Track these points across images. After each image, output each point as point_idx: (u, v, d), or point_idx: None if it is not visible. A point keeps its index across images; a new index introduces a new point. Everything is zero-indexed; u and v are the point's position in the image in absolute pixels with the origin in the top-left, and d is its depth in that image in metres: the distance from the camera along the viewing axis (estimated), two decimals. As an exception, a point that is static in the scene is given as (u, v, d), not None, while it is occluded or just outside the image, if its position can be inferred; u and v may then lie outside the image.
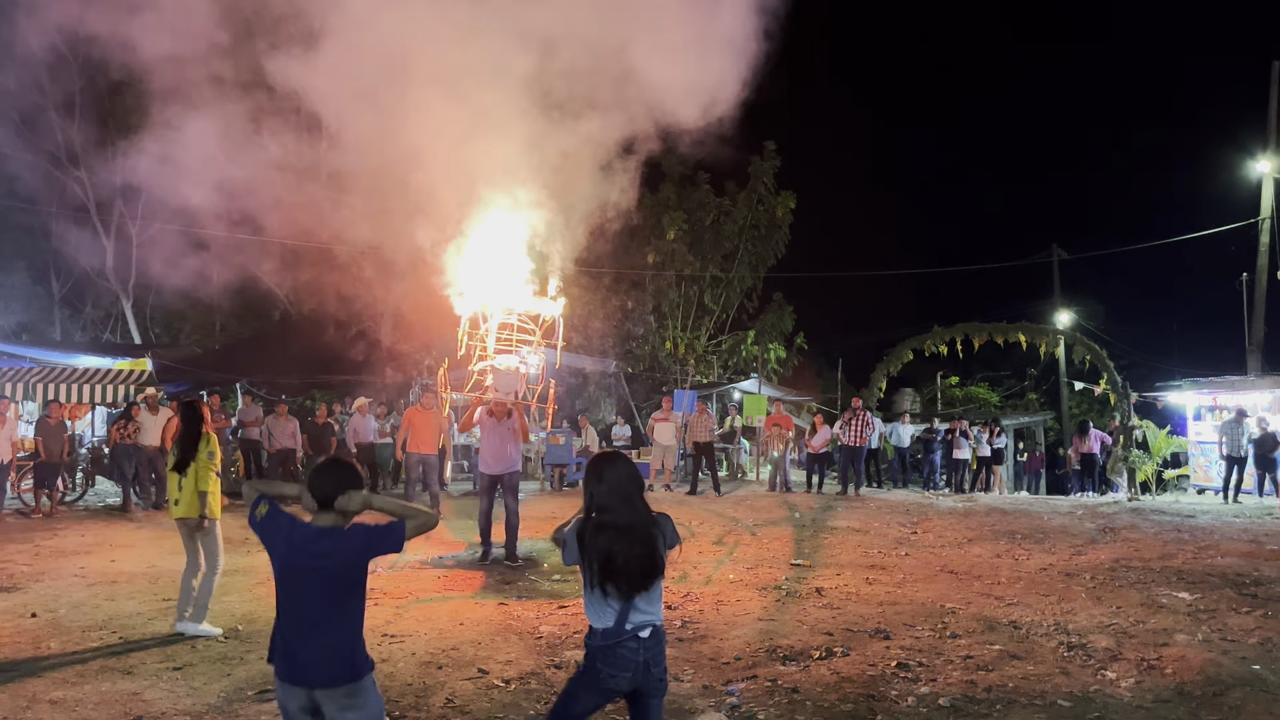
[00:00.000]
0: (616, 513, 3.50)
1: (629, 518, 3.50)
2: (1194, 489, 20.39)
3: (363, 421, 16.33)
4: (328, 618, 3.28)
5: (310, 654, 3.26)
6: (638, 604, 3.47)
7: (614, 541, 3.45)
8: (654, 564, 3.48)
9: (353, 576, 3.33)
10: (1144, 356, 33.32)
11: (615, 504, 3.52)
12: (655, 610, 3.53)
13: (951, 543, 11.30)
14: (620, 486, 3.54)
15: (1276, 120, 23.83)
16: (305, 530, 3.33)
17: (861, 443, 17.01)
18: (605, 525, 3.49)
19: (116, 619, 7.10)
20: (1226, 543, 10.78)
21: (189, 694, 5.36)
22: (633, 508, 3.52)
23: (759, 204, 27.63)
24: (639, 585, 3.46)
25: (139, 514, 13.11)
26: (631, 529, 3.48)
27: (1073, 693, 5.41)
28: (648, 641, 3.47)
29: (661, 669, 3.53)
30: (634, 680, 3.46)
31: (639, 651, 3.45)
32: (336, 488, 3.35)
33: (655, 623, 3.51)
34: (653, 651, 3.49)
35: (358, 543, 3.33)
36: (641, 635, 3.46)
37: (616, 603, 3.46)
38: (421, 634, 6.72)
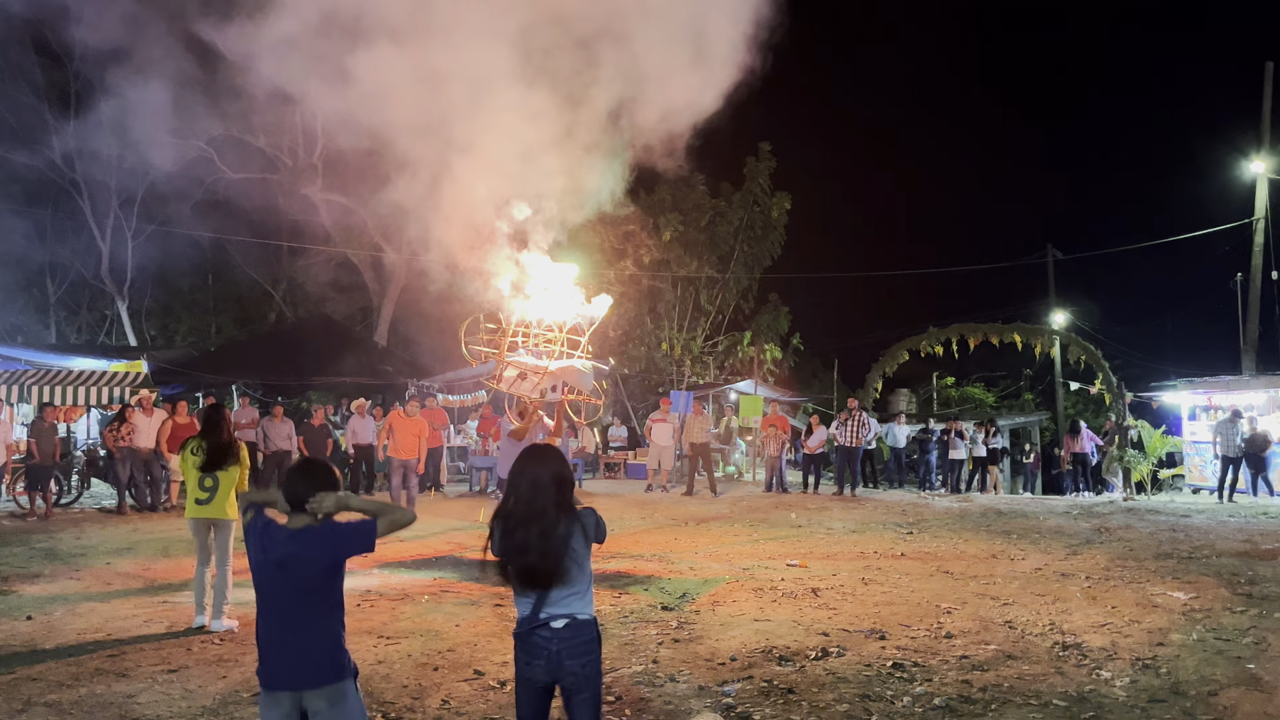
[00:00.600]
0: (523, 507, 3.53)
1: (532, 512, 3.50)
2: (1189, 489, 20.43)
3: (361, 422, 16.33)
4: (306, 619, 3.31)
5: (292, 657, 3.28)
6: (552, 595, 3.48)
7: (517, 535, 3.49)
8: (552, 560, 3.46)
9: (326, 577, 3.35)
10: (1139, 356, 33.44)
11: (524, 498, 3.54)
12: (576, 604, 3.52)
13: (947, 543, 11.31)
14: (533, 481, 3.54)
15: (1270, 121, 23.90)
16: (279, 532, 3.35)
17: (858, 443, 17.05)
18: (512, 520, 3.52)
19: (112, 621, 7.09)
20: (1221, 542, 10.81)
21: (184, 696, 5.35)
22: (539, 503, 3.51)
23: (754, 205, 27.68)
24: (538, 580, 3.47)
25: (134, 516, 13.09)
26: (529, 523, 3.48)
27: (1068, 692, 5.42)
28: (561, 632, 3.47)
29: (580, 664, 3.49)
30: (548, 670, 3.47)
31: (552, 641, 3.46)
32: (308, 489, 3.36)
33: (576, 615, 3.50)
34: (567, 643, 3.47)
35: (328, 542, 3.35)
36: (554, 625, 3.48)
37: (530, 592, 3.50)
38: (417, 635, 6.72)
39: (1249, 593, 8.03)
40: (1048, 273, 34.54)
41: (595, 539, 3.61)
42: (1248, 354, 24.33)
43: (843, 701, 5.28)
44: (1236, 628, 6.81)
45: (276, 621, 3.33)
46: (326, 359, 19.97)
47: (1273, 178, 23.96)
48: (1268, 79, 24.02)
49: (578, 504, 3.63)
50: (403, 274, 28.23)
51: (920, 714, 5.10)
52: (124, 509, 13.45)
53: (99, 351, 21.12)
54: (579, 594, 3.54)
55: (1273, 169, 24.06)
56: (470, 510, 14.03)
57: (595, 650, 3.56)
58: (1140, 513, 13.82)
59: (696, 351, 27.56)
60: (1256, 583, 8.44)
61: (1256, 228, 23.98)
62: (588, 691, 3.53)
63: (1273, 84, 24.01)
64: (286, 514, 3.42)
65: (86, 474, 15.66)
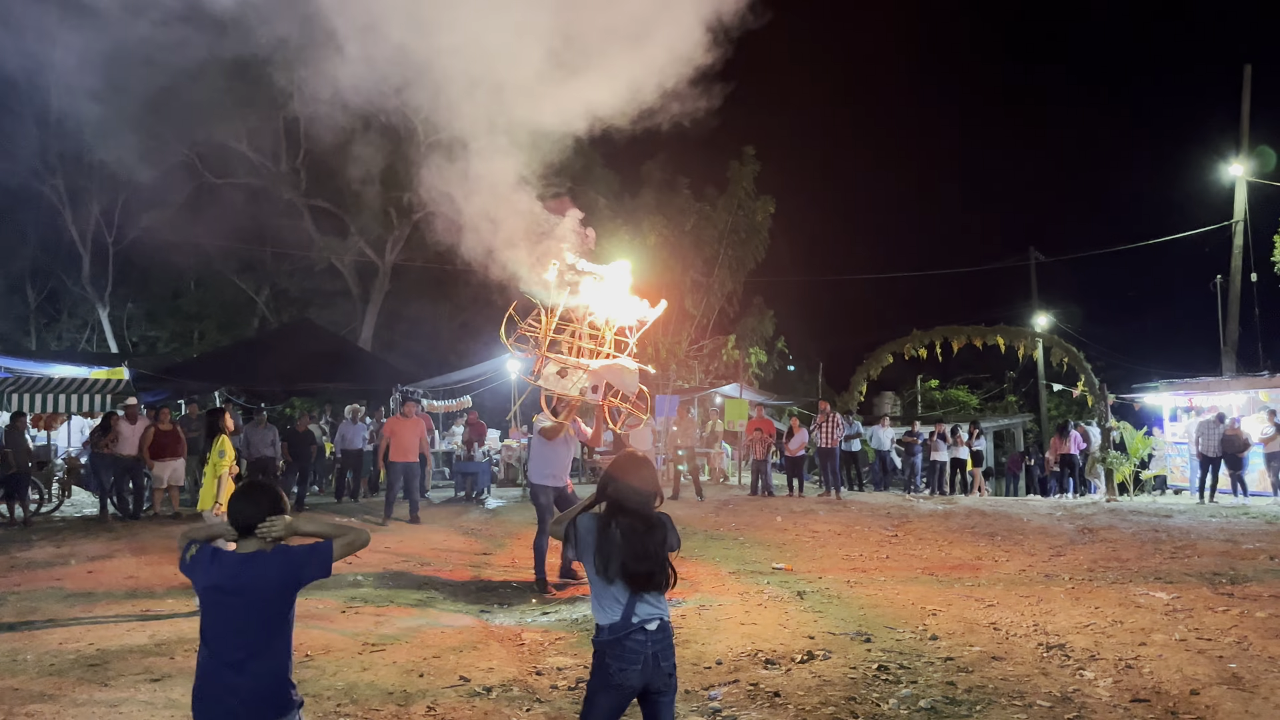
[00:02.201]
0: (636, 510, 3.62)
1: (647, 516, 3.63)
2: (1171, 489, 20.58)
3: (352, 428, 16.27)
4: (253, 650, 3.14)
5: (236, 691, 3.11)
6: (645, 597, 3.56)
7: (632, 537, 3.56)
8: (665, 561, 3.60)
9: (278, 604, 3.19)
10: (1121, 358, 33.65)
11: (636, 502, 3.64)
12: (662, 605, 3.62)
13: (932, 545, 11.35)
14: (644, 485, 3.67)
15: (1249, 124, 24.13)
16: (228, 559, 3.21)
17: (833, 444, 17.27)
18: (626, 522, 3.59)
19: (94, 630, 7.03)
20: (1203, 542, 10.89)
21: (167, 705, 5.31)
22: (650, 507, 3.67)
23: (739, 209, 27.73)
24: (652, 582, 3.56)
25: (116, 524, 12.98)
26: (650, 527, 3.61)
27: (1051, 693, 5.45)
28: (655, 635, 3.55)
29: (671, 664, 3.59)
30: (644, 675, 3.52)
31: (647, 644, 3.52)
32: (256, 513, 3.24)
33: (663, 617, 3.60)
34: (661, 645, 3.56)
35: (281, 568, 3.20)
36: (649, 628, 3.54)
37: (624, 596, 3.54)
38: (403, 642, 6.70)
39: (1230, 592, 8.09)
40: (1030, 275, 34.76)
41: (674, 545, 3.72)
42: (1227, 355, 24.55)
43: (828, 705, 5.29)
44: (1218, 627, 6.86)
45: (221, 653, 3.15)
46: (310, 365, 19.87)
47: (1251, 180, 24.20)
48: (1246, 83, 24.27)
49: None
50: (386, 279, 28.18)
51: (906, 716, 5.12)
52: (106, 517, 13.34)
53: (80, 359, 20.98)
54: (664, 596, 3.66)
55: (1251, 172, 24.30)
56: (456, 516, 14.00)
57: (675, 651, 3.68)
58: (1123, 513, 13.90)
59: (681, 355, 27.57)
60: (1238, 582, 8.50)
61: (1235, 230, 24.21)
62: (672, 692, 3.63)
63: (1251, 88, 24.26)
64: (234, 541, 3.29)
65: (67, 482, 15.53)
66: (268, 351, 20.66)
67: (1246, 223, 24.04)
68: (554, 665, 6.13)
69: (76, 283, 29.44)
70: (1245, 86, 24.24)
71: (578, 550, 3.64)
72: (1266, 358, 25.53)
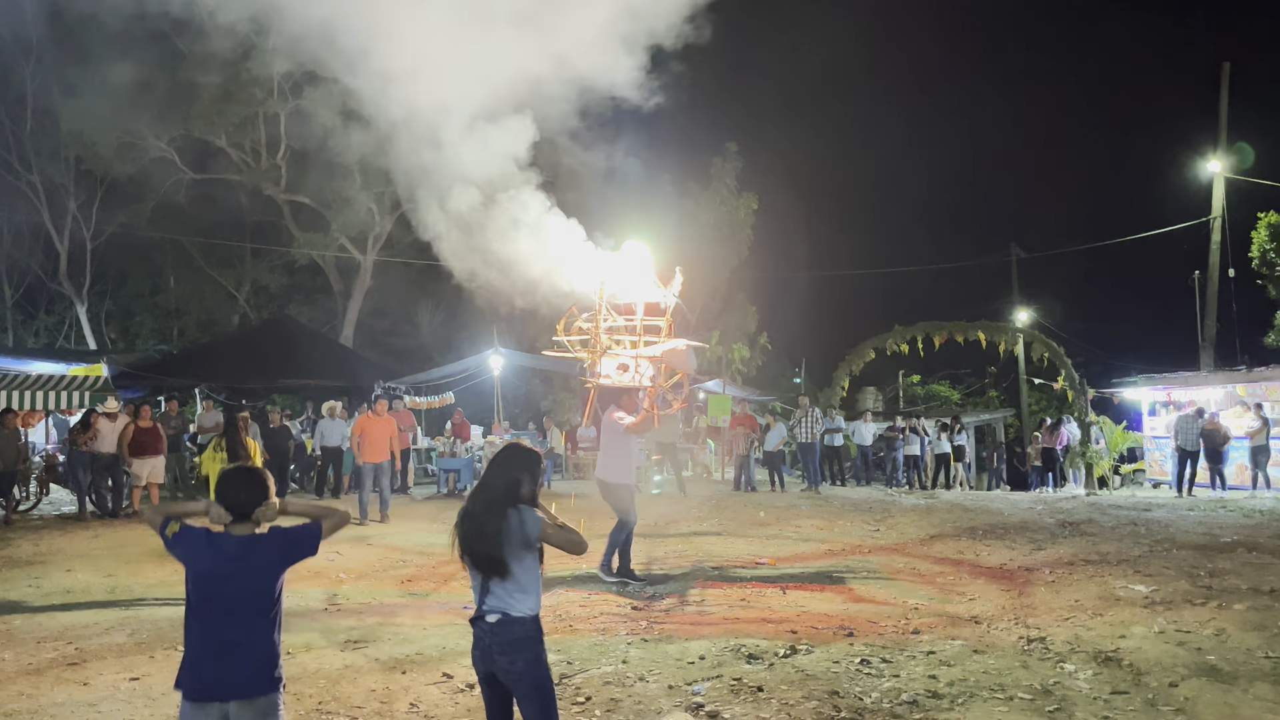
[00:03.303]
0: (474, 500, 3.76)
1: (477, 505, 3.72)
2: (1149, 483, 20.76)
3: (331, 425, 16.18)
4: (249, 628, 3.29)
5: (228, 667, 3.25)
6: (492, 588, 3.61)
7: (463, 526, 3.70)
8: (488, 553, 3.61)
9: (271, 584, 3.36)
10: (1101, 353, 33.89)
11: (477, 492, 3.80)
12: (512, 600, 3.61)
13: (914, 539, 11.40)
14: (489, 475, 3.81)
15: (1227, 121, 24.34)
16: (227, 543, 3.34)
17: (812, 438, 17.40)
18: (464, 512, 3.74)
19: (72, 630, 6.97)
20: (1182, 535, 10.98)
21: (146, 704, 5.27)
22: (486, 496, 3.73)
23: (721, 205, 27.74)
24: (483, 570, 3.62)
25: (95, 522, 12.86)
26: (474, 516, 3.68)
27: (1032, 685, 5.48)
28: (494, 627, 3.58)
29: (510, 659, 3.57)
30: (483, 663, 3.62)
31: (485, 635, 3.60)
32: (251, 497, 3.40)
33: (507, 612, 3.59)
34: (499, 639, 3.57)
35: (277, 549, 3.38)
36: (488, 619, 3.59)
37: (478, 584, 3.65)
38: (385, 638, 6.67)
39: (1209, 585, 8.16)
40: (1011, 271, 34.94)
41: (527, 534, 3.67)
42: (1205, 350, 24.77)
43: (811, 699, 5.31)
44: (1197, 620, 6.91)
45: (214, 631, 3.28)
46: (291, 362, 19.77)
47: (1229, 177, 24.41)
48: (1224, 80, 24.47)
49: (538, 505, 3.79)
50: (367, 276, 28.04)
51: (888, 709, 5.14)
52: (84, 515, 13.22)
53: (57, 355, 20.77)
54: (521, 590, 3.64)
55: (1229, 168, 24.51)
56: (439, 512, 13.95)
57: (530, 648, 3.61)
58: (1103, 507, 14.01)
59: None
60: (1217, 575, 8.57)
61: (1213, 226, 24.42)
62: (526, 686, 3.61)
63: (1229, 85, 24.47)
64: (223, 523, 3.39)
65: (45, 480, 15.38)
66: (248, 348, 20.55)
67: (1224, 219, 24.25)
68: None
69: (54, 279, 29.15)
70: (1224, 83, 24.45)
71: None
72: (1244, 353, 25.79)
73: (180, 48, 21.80)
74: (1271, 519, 12.33)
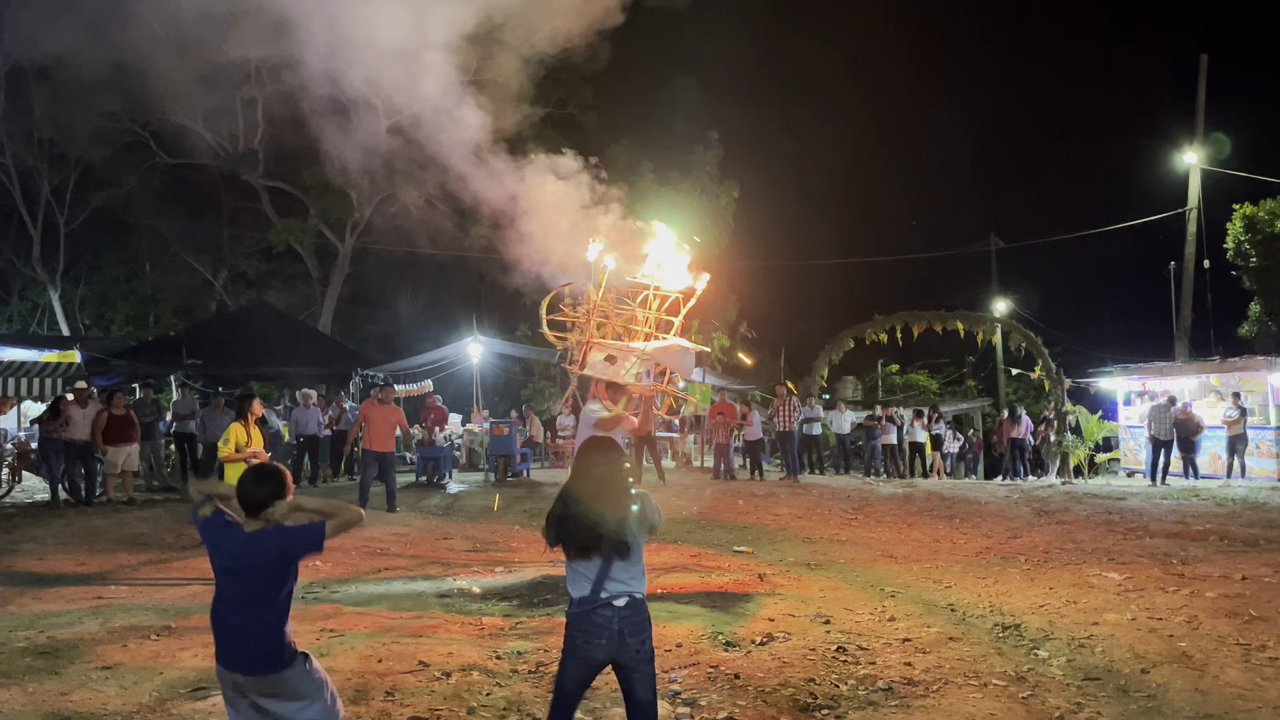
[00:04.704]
0: (599, 481, 3.77)
1: (602, 486, 3.75)
2: (1124, 472, 20.95)
3: (306, 413, 16.05)
4: (252, 613, 3.51)
5: (237, 644, 3.51)
6: (614, 573, 3.66)
7: (584, 514, 3.70)
8: (618, 531, 3.68)
9: (274, 576, 3.54)
10: (1078, 343, 34.14)
11: (592, 484, 3.78)
12: (633, 583, 3.70)
13: (891, 528, 11.46)
14: (601, 468, 3.82)
15: (1204, 113, 24.51)
16: (237, 534, 3.55)
17: (788, 427, 17.47)
18: (574, 505, 3.76)
19: (44, 618, 6.89)
20: (1155, 524, 11.09)
21: (119, 693, 5.22)
22: (599, 486, 3.76)
23: (702, 193, 27.71)
24: (611, 553, 3.66)
25: (68, 510, 12.74)
26: (600, 497, 3.72)
27: (1007, 672, 5.52)
28: (623, 610, 3.64)
29: (640, 639, 3.67)
30: (609, 649, 3.63)
31: (613, 620, 3.63)
32: (264, 495, 3.56)
33: (633, 593, 3.68)
34: (629, 621, 3.65)
35: (277, 546, 3.54)
36: (616, 604, 3.64)
37: (592, 572, 3.66)
38: (361, 627, 6.64)
39: (1181, 573, 8.24)
40: (990, 261, 35.12)
41: (650, 520, 3.80)
42: (1181, 340, 25.01)
43: (788, 686, 5.32)
44: (1169, 607, 6.99)
45: (226, 611, 3.54)
46: (269, 349, 19.61)
47: (1205, 168, 24.61)
48: (1202, 72, 24.64)
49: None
50: (346, 263, 27.86)
51: (864, 696, 5.16)
52: (57, 502, 13.08)
53: (30, 341, 20.52)
54: (639, 573, 3.75)
55: (1206, 160, 24.70)
56: (416, 500, 13.90)
57: (650, 628, 3.74)
58: (1078, 496, 14.13)
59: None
60: (1189, 563, 8.67)
61: (1189, 217, 24.62)
62: (646, 668, 3.70)
63: (1206, 77, 24.64)
64: (239, 515, 3.58)
65: (18, 467, 15.21)
66: (225, 335, 20.37)
67: (1200, 210, 24.46)
68: (514, 649, 6.11)
69: (26, 264, 28.80)
70: (1201, 75, 24.62)
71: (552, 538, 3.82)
72: (1218, 343, 26.08)
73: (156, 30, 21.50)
74: (1243, 507, 12.48)
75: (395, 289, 31.80)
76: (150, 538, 10.55)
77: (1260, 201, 25.59)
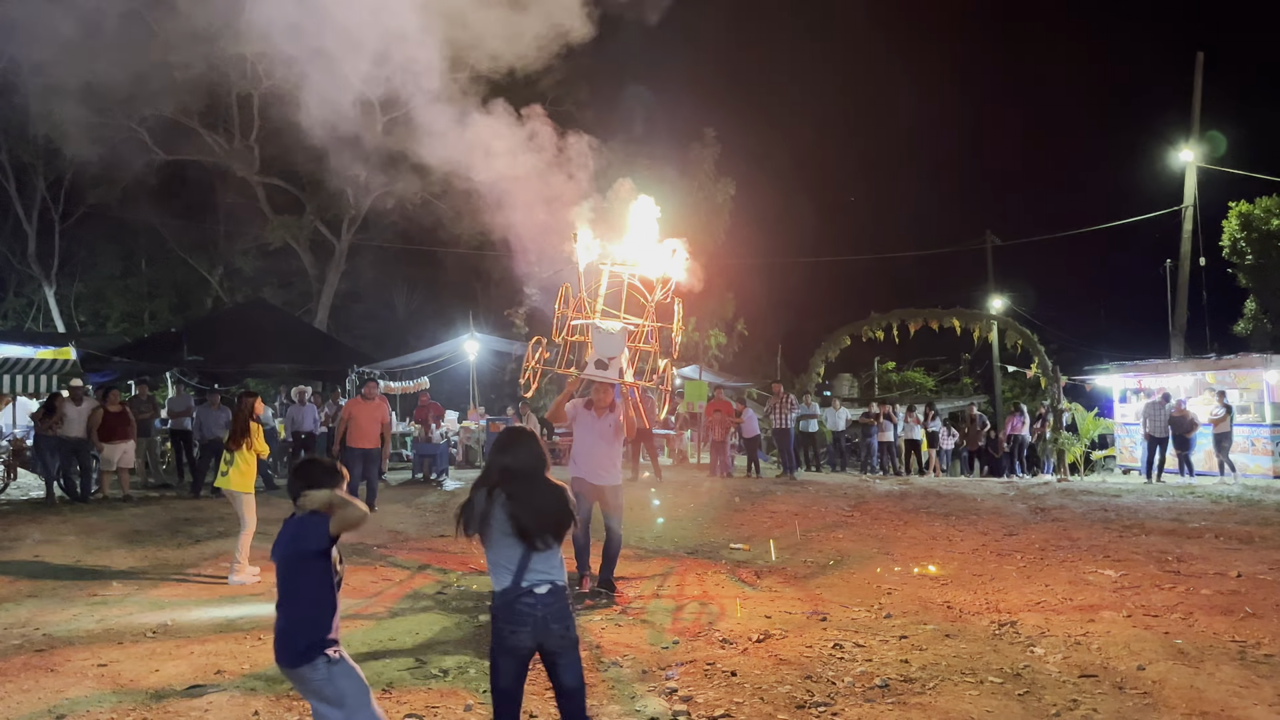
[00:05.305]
0: (511, 480, 3.79)
1: (519, 485, 3.79)
2: (1120, 469, 20.98)
3: (301, 410, 16.02)
4: (286, 601, 3.63)
5: (279, 631, 3.63)
6: (534, 564, 3.71)
7: (514, 504, 3.73)
8: (553, 525, 3.75)
9: (292, 566, 3.62)
10: (1073, 340, 34.18)
11: (504, 472, 3.82)
12: (554, 571, 3.75)
13: (888, 525, 11.47)
14: (513, 456, 3.86)
15: (1200, 111, 24.53)
16: (285, 525, 3.71)
17: (785, 424, 17.51)
18: (513, 491, 3.77)
19: (40, 616, 6.88)
20: (1150, 521, 11.11)
21: (115, 690, 5.22)
22: (525, 474, 3.82)
23: (699, 190, 27.69)
24: (537, 542, 3.71)
25: (64, 507, 12.71)
26: (523, 494, 3.77)
27: (1003, 669, 5.53)
28: (545, 597, 3.69)
29: (563, 625, 3.72)
30: (534, 635, 3.68)
31: (536, 607, 3.68)
32: (295, 486, 3.69)
33: (554, 580, 3.74)
34: (551, 608, 3.70)
35: (291, 535, 3.64)
36: (538, 591, 3.69)
37: (513, 563, 3.70)
38: (358, 625, 6.64)
39: (1177, 570, 8.26)
40: (986, 259, 35.12)
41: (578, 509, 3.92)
42: (1176, 338, 25.04)
43: (784, 683, 5.33)
44: (1165, 604, 7.00)
45: (278, 600, 3.65)
46: (265, 346, 19.59)
47: (1201, 166, 24.63)
48: (1198, 69, 24.65)
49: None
50: (342, 259, 27.82)
51: (861, 693, 5.17)
52: (53, 500, 13.05)
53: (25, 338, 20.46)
54: (558, 562, 3.79)
55: (1202, 157, 24.72)
56: (413, 497, 13.89)
57: (571, 615, 3.79)
58: (1074, 493, 14.14)
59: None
60: (1184, 560, 8.68)
61: (1185, 215, 24.64)
62: (574, 652, 3.77)
63: (1202, 74, 24.65)
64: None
65: (13, 464, 15.18)
66: (221, 332, 20.34)
67: (1196, 208, 24.48)
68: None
69: (22, 260, 28.73)
70: (1197, 73, 24.63)
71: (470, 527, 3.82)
72: (1214, 340, 26.13)
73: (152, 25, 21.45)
74: (1239, 505, 12.50)
75: (392, 286, 31.77)
76: (146, 535, 10.54)
77: (1256, 199, 25.64)
